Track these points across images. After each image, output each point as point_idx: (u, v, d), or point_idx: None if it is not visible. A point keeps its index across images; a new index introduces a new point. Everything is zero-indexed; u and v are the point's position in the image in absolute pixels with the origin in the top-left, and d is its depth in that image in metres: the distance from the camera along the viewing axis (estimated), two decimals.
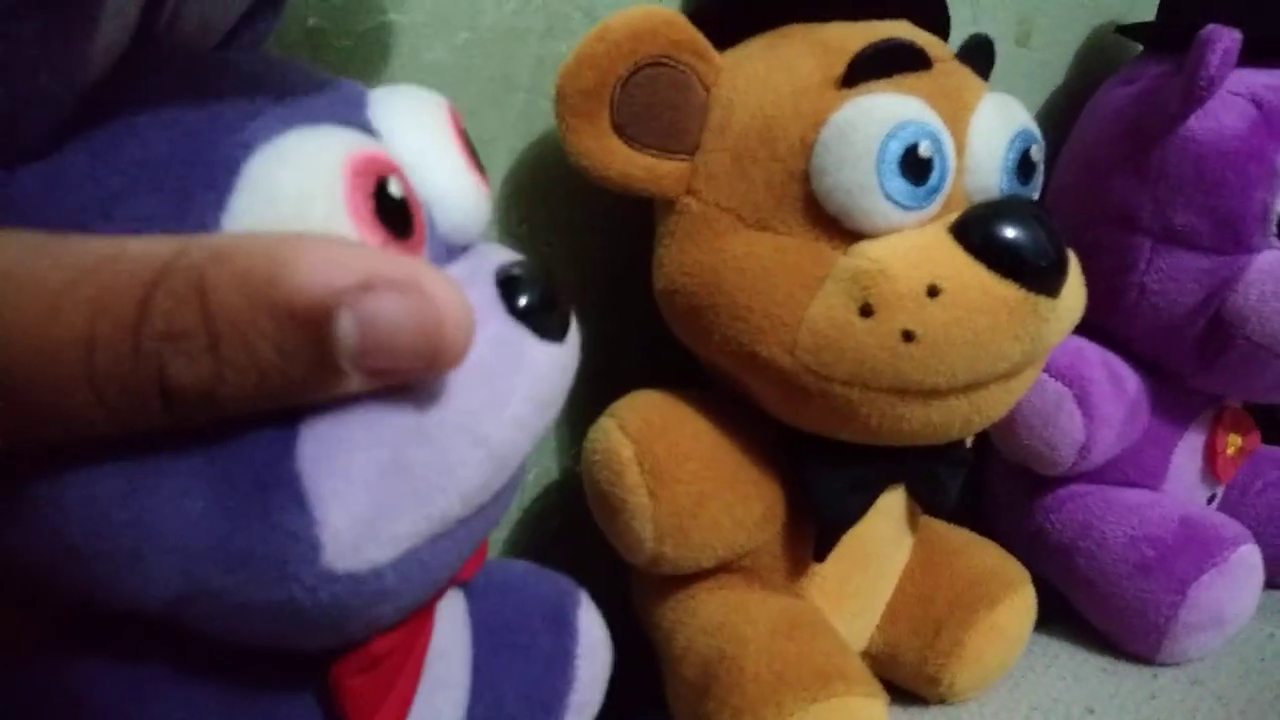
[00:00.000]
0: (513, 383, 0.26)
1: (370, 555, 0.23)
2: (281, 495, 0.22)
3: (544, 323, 0.27)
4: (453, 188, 0.29)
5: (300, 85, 0.27)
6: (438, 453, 0.24)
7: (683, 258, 0.41)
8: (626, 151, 0.40)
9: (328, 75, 0.29)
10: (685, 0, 0.47)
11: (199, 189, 0.23)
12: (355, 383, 0.22)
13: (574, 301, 0.31)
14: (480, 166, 0.32)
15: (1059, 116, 0.63)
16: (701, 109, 0.41)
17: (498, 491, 0.27)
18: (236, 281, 0.20)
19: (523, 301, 0.27)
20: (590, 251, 0.49)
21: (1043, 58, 0.62)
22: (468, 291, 0.26)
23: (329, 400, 0.22)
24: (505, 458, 0.26)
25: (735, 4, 0.42)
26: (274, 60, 0.28)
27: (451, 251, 0.30)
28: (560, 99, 0.38)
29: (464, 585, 0.36)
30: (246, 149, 0.23)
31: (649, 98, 0.39)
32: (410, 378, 0.23)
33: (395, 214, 0.25)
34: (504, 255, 0.30)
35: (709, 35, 0.40)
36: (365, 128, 0.27)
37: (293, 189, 0.23)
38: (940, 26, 0.45)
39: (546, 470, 0.51)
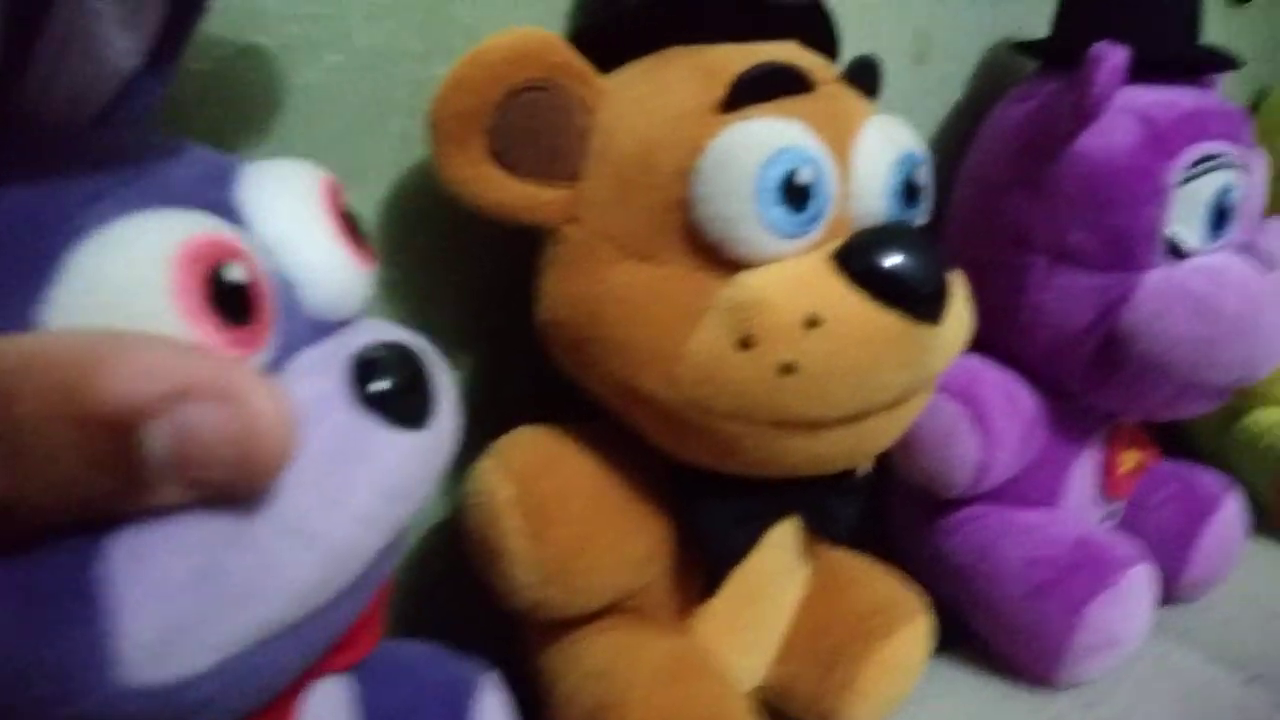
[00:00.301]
0: (353, 477, 0.25)
1: (178, 666, 0.22)
2: (76, 605, 0.21)
3: (399, 409, 0.26)
4: (321, 265, 0.29)
5: (158, 164, 0.26)
6: (260, 556, 0.23)
7: (564, 288, 0.40)
8: (504, 179, 0.38)
9: (201, 151, 0.29)
10: (570, 24, 0.46)
11: (17, 278, 0.22)
12: (171, 494, 0.21)
13: (444, 385, 0.30)
14: (360, 239, 0.31)
15: (957, 133, 0.63)
16: (583, 135, 0.39)
17: (349, 588, 0.26)
18: (41, 388, 0.19)
19: (376, 387, 0.26)
20: (474, 280, 0.47)
21: (941, 74, 0.62)
22: (314, 379, 0.26)
23: (146, 510, 0.21)
24: (346, 556, 0.25)
25: (618, 27, 0.41)
26: (145, 139, 0.28)
27: (323, 329, 0.29)
28: (433, 125, 0.36)
29: (355, 669, 0.34)
30: (76, 235, 0.22)
31: (527, 123, 0.37)
32: (230, 489, 0.22)
33: (233, 300, 0.24)
34: (374, 334, 0.29)
35: (592, 58, 0.39)
36: (223, 207, 0.26)
37: (116, 279, 0.22)
38: (829, 47, 0.44)
39: (432, 511, 0.49)
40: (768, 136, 0.36)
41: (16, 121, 0.25)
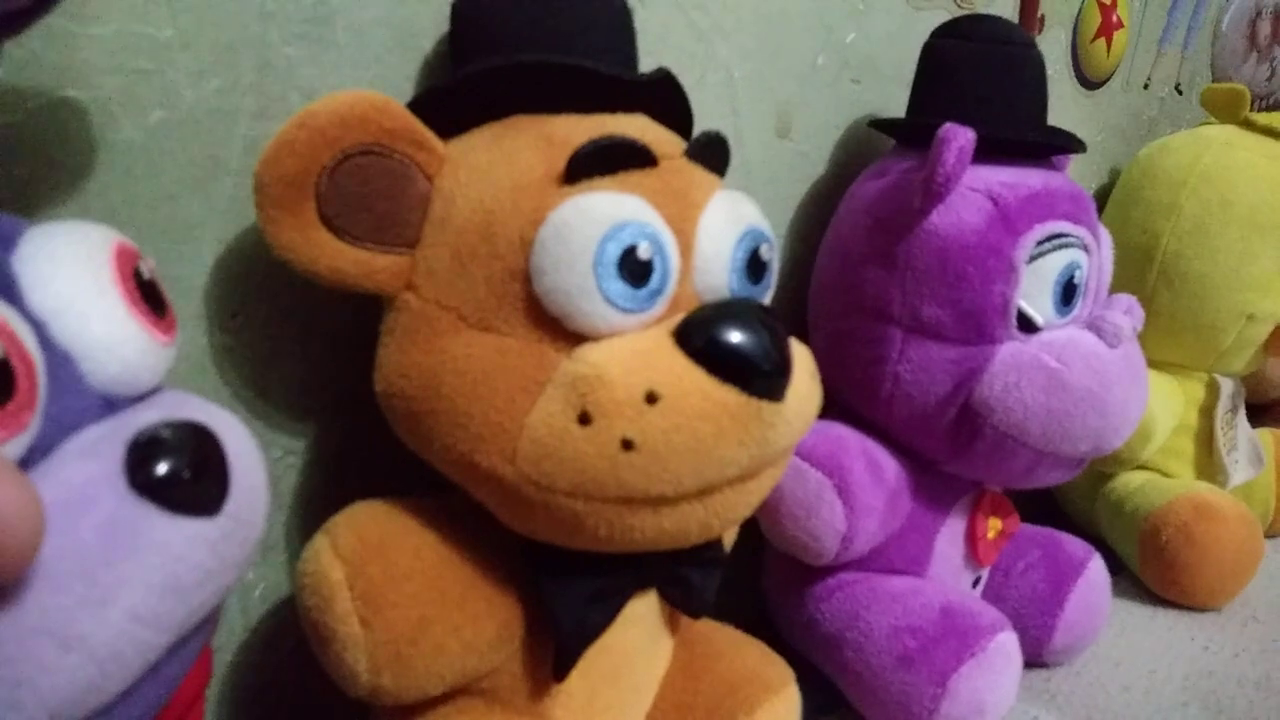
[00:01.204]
0: (123, 572, 0.23)
1: None
2: None
3: (183, 495, 0.25)
4: (106, 337, 0.27)
5: None
6: (4, 662, 0.21)
7: (401, 358, 0.38)
8: (336, 244, 0.37)
9: None
10: (417, 87, 0.45)
11: None
12: None
13: (245, 465, 0.28)
14: (159, 308, 0.29)
15: (819, 208, 0.64)
16: (422, 200, 0.38)
17: (135, 686, 0.24)
18: None
19: (156, 472, 0.24)
20: (318, 345, 0.45)
21: (802, 149, 0.64)
22: (85, 463, 0.24)
23: None
24: (119, 658, 0.23)
25: (463, 92, 0.40)
26: None
27: (116, 404, 0.27)
28: (259, 188, 0.35)
29: None
30: None
31: (360, 188, 0.36)
32: None
33: None
34: (163, 410, 0.27)
35: (435, 123, 0.38)
36: None
37: None
38: (681, 121, 0.44)
39: (276, 586, 0.47)
40: (607, 210, 0.36)
41: None
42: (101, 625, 0.23)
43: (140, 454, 0.25)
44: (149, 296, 0.29)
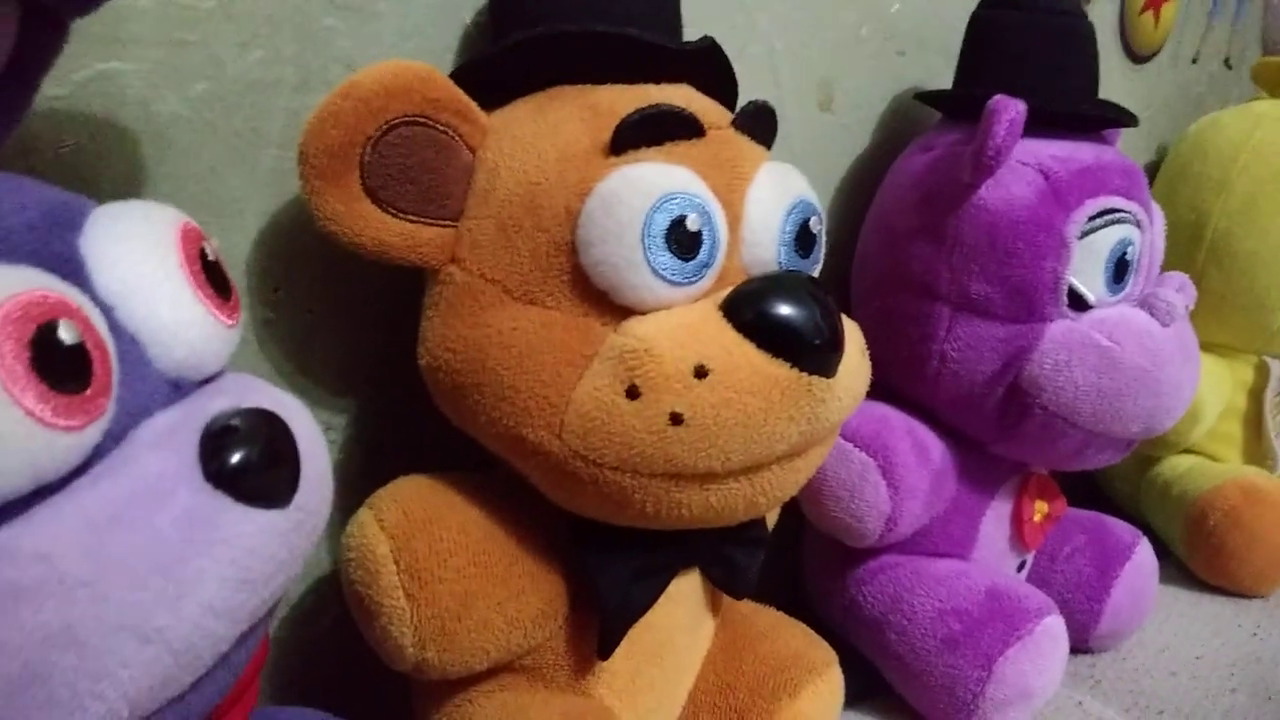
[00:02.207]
0: (199, 566, 0.23)
1: None
2: None
3: (256, 486, 0.25)
4: (173, 321, 0.27)
5: None
6: (89, 656, 0.21)
7: (446, 331, 0.38)
8: (380, 216, 0.36)
9: (45, 193, 0.26)
10: (458, 57, 0.45)
11: None
12: None
13: (313, 454, 0.28)
14: (224, 290, 0.29)
15: (863, 182, 0.63)
16: (466, 172, 0.38)
17: (206, 674, 0.24)
18: None
19: (231, 462, 0.24)
20: (358, 319, 0.45)
21: (845, 122, 0.63)
22: (160, 454, 0.24)
23: None
24: (193, 650, 0.23)
25: (506, 62, 0.40)
26: None
27: (182, 387, 0.27)
28: (304, 159, 0.35)
29: None
30: None
31: (404, 159, 0.36)
32: None
33: (63, 363, 0.22)
34: (233, 397, 0.27)
35: (477, 94, 0.38)
36: (64, 258, 0.25)
37: None
38: (726, 92, 0.43)
39: (317, 562, 0.47)
40: (655, 181, 0.35)
41: None
42: (178, 619, 0.23)
43: (214, 444, 0.24)
44: (213, 278, 0.29)
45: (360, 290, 0.44)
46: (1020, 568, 0.63)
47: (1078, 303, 0.52)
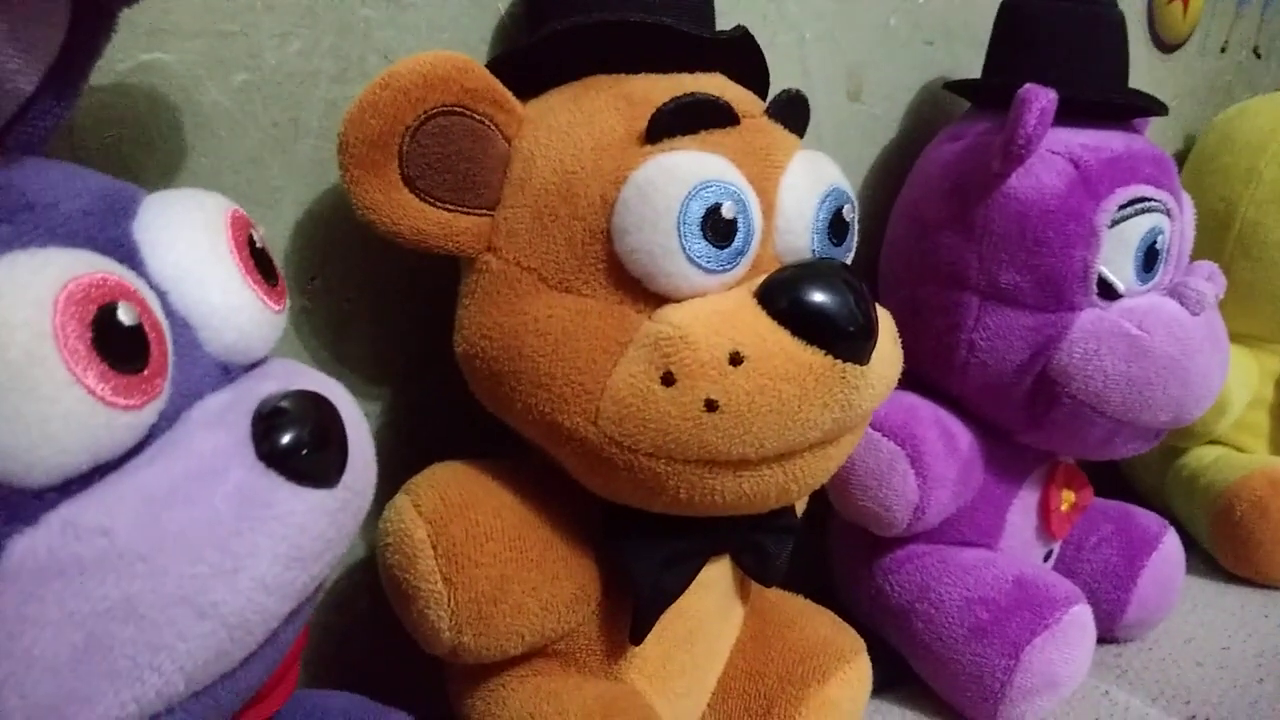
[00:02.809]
0: (253, 541, 0.24)
1: None
2: None
3: (307, 466, 0.25)
4: (223, 305, 0.27)
5: (47, 196, 0.25)
6: (148, 628, 0.22)
7: (483, 319, 0.38)
8: (419, 205, 0.37)
9: (99, 181, 0.27)
10: (493, 48, 0.45)
11: None
12: None
13: (358, 436, 0.28)
14: (272, 276, 0.30)
15: (891, 171, 0.63)
16: (502, 161, 0.38)
17: (256, 651, 0.25)
18: None
19: (281, 442, 0.25)
20: (394, 308, 0.45)
21: (874, 111, 0.63)
22: (214, 433, 0.24)
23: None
24: (246, 625, 0.24)
25: (541, 53, 0.40)
26: (38, 166, 0.26)
27: (231, 371, 0.28)
28: (343, 148, 0.35)
29: None
30: None
31: (442, 148, 0.36)
32: None
33: (123, 344, 0.23)
34: (281, 380, 0.28)
35: (513, 84, 0.38)
36: (116, 244, 0.25)
37: None
38: (758, 81, 0.44)
39: (353, 548, 0.47)
40: (691, 169, 0.35)
41: None
42: (233, 593, 0.23)
43: (265, 424, 0.25)
44: (261, 265, 0.29)
45: (396, 279, 0.45)
46: (1047, 557, 0.63)
47: (1107, 291, 0.52)
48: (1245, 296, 0.77)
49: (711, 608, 0.46)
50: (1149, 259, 0.52)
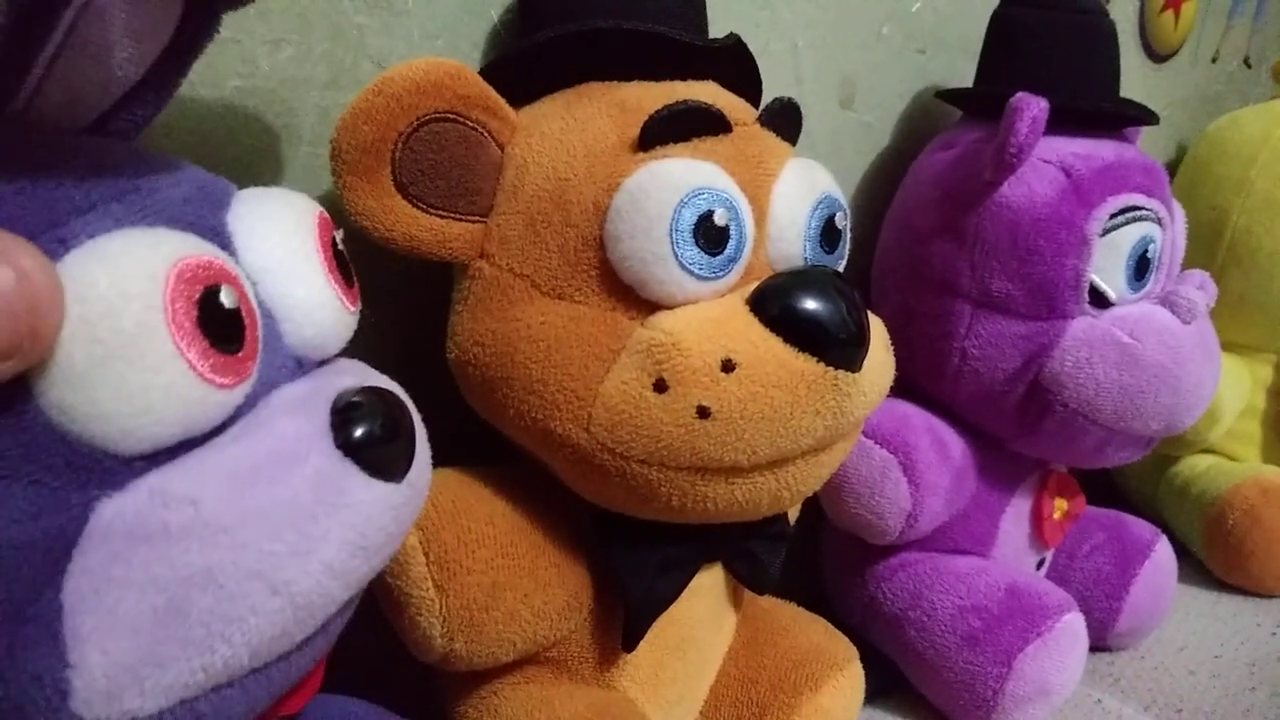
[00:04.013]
0: (326, 526, 0.24)
1: (128, 705, 0.22)
2: (35, 631, 0.21)
3: (378, 459, 0.26)
4: (306, 301, 0.28)
5: (153, 181, 0.26)
6: (224, 599, 0.22)
7: (475, 326, 0.38)
8: (411, 212, 0.37)
9: (194, 171, 0.28)
10: (486, 55, 0.45)
11: None
12: None
13: (421, 436, 0.29)
14: (350, 278, 0.31)
15: (884, 180, 0.63)
16: (495, 168, 0.38)
17: (310, 636, 0.25)
18: None
19: (357, 433, 0.26)
20: (386, 314, 0.45)
21: (866, 120, 0.63)
22: (296, 418, 0.25)
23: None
24: (310, 607, 0.24)
25: (534, 59, 0.40)
26: (138, 153, 0.27)
27: (304, 365, 0.29)
28: (336, 155, 0.35)
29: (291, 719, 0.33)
30: (63, 245, 0.22)
31: (435, 155, 0.36)
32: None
33: (223, 324, 0.24)
34: (355, 376, 0.28)
35: (506, 91, 0.38)
36: (216, 231, 0.26)
37: (107, 289, 0.22)
38: (751, 88, 0.44)
39: None
40: (683, 176, 0.35)
41: (11, 121, 0.24)
42: (304, 575, 0.24)
43: (342, 415, 0.26)
44: (341, 266, 0.30)
45: (388, 285, 0.45)
46: (1039, 565, 0.63)
47: (1099, 300, 0.52)
48: (1237, 305, 0.77)
49: (704, 615, 0.46)
50: (1140, 268, 0.53)
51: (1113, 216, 0.51)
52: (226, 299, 0.24)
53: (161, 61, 0.28)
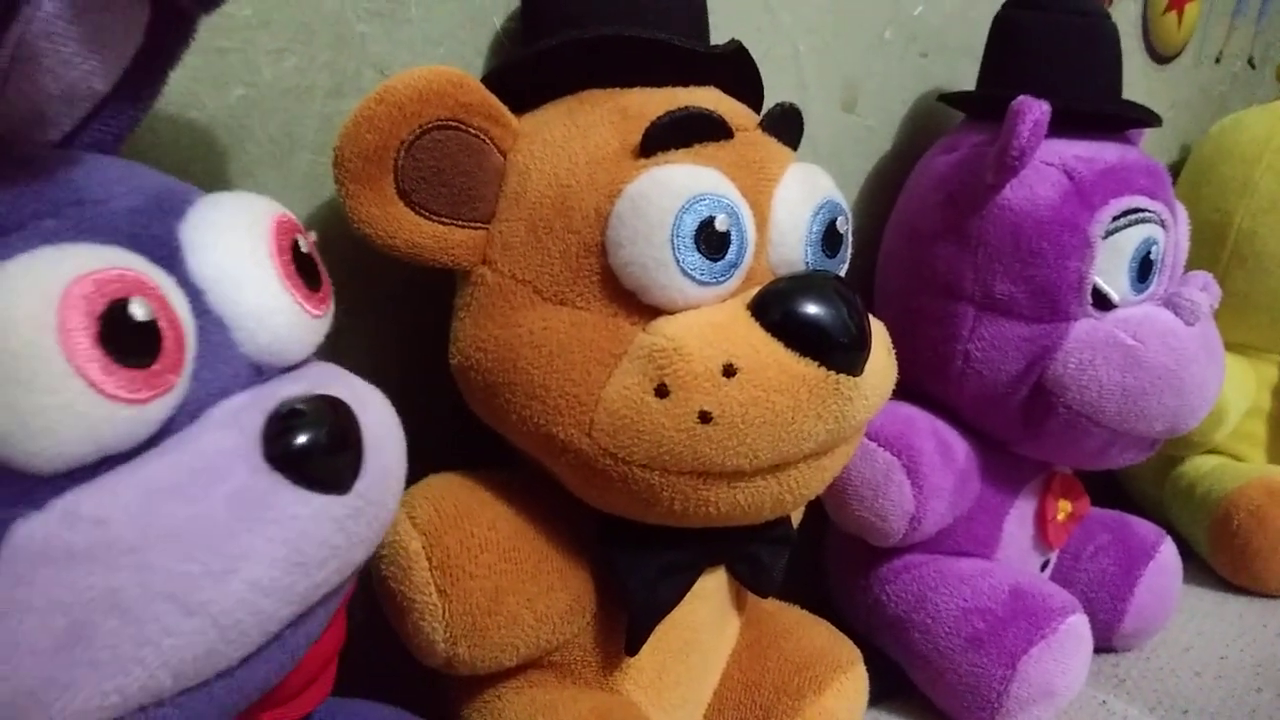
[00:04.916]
0: (249, 543, 0.24)
1: None
2: None
3: (319, 470, 0.25)
4: (259, 307, 0.28)
5: (99, 195, 0.25)
6: (131, 621, 0.22)
7: (478, 332, 0.38)
8: (414, 219, 0.37)
9: (157, 180, 0.28)
10: (488, 62, 0.45)
11: None
12: None
13: (383, 443, 0.28)
14: (315, 281, 0.30)
15: (886, 183, 0.63)
16: (497, 175, 0.38)
17: (257, 652, 0.25)
18: None
19: (293, 444, 0.25)
20: (389, 323, 0.46)
21: (868, 124, 0.63)
22: (222, 433, 0.25)
23: None
24: (238, 626, 0.24)
25: (536, 67, 0.40)
26: (98, 164, 0.27)
27: (265, 372, 0.28)
28: (339, 163, 0.35)
29: None
30: None
31: (437, 162, 0.36)
32: None
33: (131, 338, 0.23)
34: (308, 383, 0.28)
35: (509, 98, 0.38)
36: (156, 242, 0.26)
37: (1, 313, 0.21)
38: (752, 94, 0.44)
39: None
40: (684, 182, 0.35)
41: None
42: (224, 594, 0.23)
43: (278, 426, 0.25)
44: (304, 270, 0.30)
45: (391, 292, 0.45)
46: (1044, 567, 0.63)
47: (1102, 302, 0.52)
48: (1241, 306, 0.77)
49: (707, 619, 0.46)
50: (1143, 270, 0.53)
51: (1115, 219, 0.51)
52: (138, 311, 0.23)
53: (133, 71, 0.28)
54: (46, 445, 0.22)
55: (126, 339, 0.23)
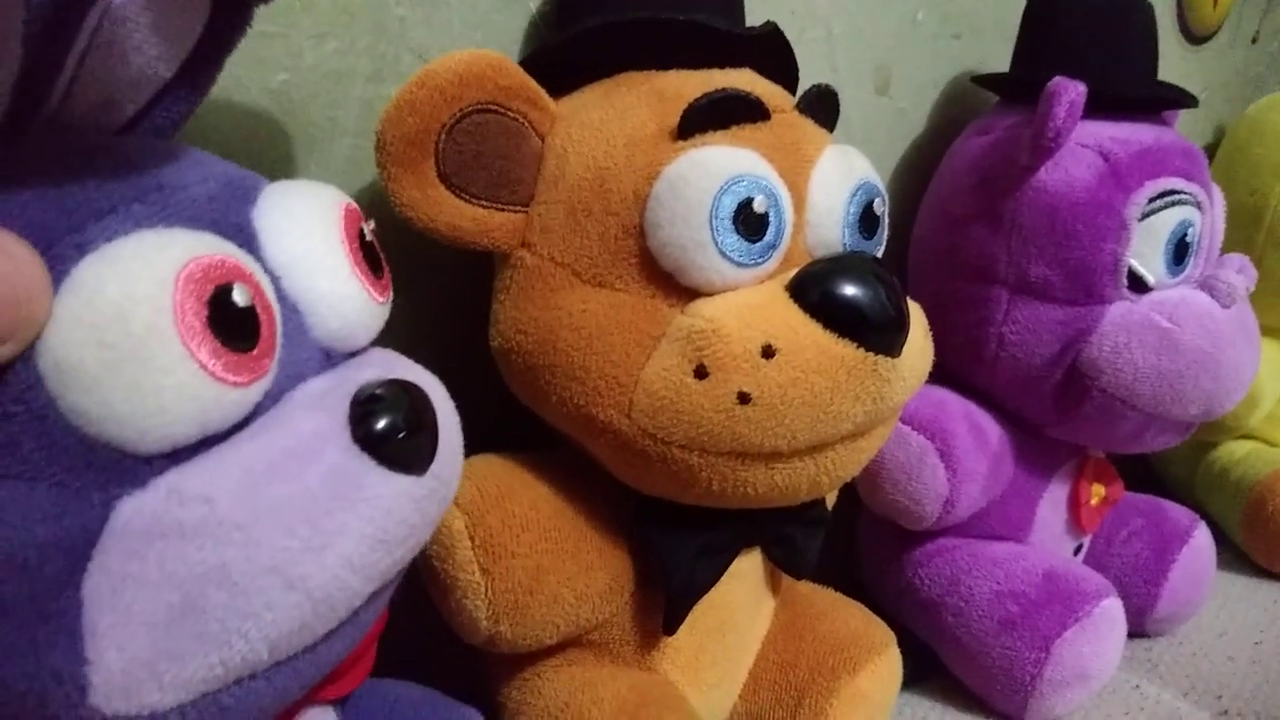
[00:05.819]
0: (343, 520, 0.24)
1: (146, 699, 0.22)
2: (54, 628, 0.21)
3: (399, 452, 0.26)
4: (331, 294, 0.28)
5: (176, 179, 0.26)
6: (239, 595, 0.23)
7: (518, 314, 0.39)
8: (454, 202, 0.37)
9: (224, 167, 0.29)
10: (526, 46, 0.46)
11: None
12: None
13: (449, 428, 0.29)
14: (379, 270, 0.31)
15: (920, 166, 0.63)
16: (535, 158, 0.38)
17: (337, 628, 0.26)
18: None
19: (376, 427, 0.26)
20: (428, 305, 0.46)
21: (901, 106, 0.63)
22: (313, 414, 0.26)
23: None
24: (329, 601, 0.24)
25: (573, 50, 0.40)
26: (169, 150, 0.28)
27: (333, 357, 0.29)
28: (381, 146, 0.36)
29: (339, 703, 0.34)
30: (80, 250, 0.23)
31: (477, 146, 0.37)
32: None
33: (235, 323, 0.24)
34: (380, 369, 0.29)
35: (545, 82, 0.39)
36: (236, 228, 0.27)
37: (115, 294, 0.22)
38: (787, 76, 0.44)
39: None
40: (723, 163, 0.36)
41: (42, 125, 0.25)
42: (320, 569, 0.24)
43: (362, 410, 0.26)
44: (369, 257, 0.31)
45: (430, 275, 0.45)
46: (1077, 551, 0.63)
47: (1137, 284, 0.52)
48: (1278, 289, 0.76)
49: (743, 599, 0.46)
50: (1179, 252, 0.52)
51: (1151, 201, 0.51)
52: (239, 297, 0.24)
53: (193, 59, 0.29)
54: (158, 425, 0.22)
55: (231, 324, 0.24)
